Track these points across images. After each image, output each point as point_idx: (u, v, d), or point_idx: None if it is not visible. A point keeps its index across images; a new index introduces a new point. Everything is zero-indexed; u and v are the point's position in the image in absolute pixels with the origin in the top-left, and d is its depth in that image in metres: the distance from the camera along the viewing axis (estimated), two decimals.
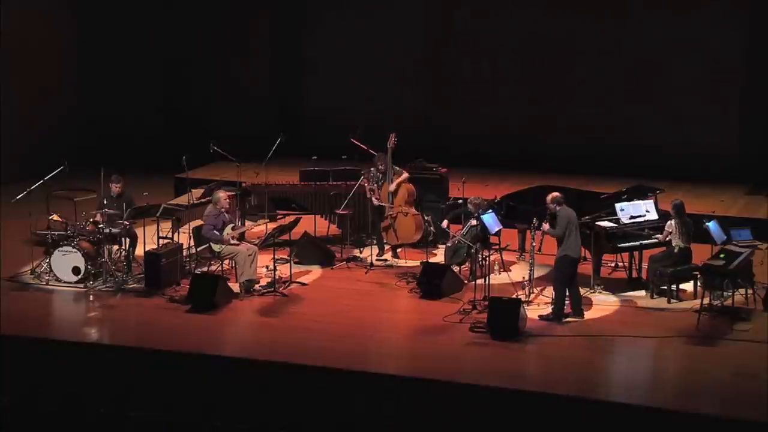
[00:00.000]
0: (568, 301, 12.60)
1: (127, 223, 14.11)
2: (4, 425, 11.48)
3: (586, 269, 13.57)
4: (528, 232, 13.86)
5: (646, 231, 13.61)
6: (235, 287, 13.49)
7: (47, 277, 13.85)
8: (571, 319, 12.53)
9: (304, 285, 13.93)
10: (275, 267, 13.84)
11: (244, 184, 16.04)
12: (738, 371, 11.14)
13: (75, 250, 13.63)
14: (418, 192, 15.12)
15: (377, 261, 14.88)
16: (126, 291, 13.62)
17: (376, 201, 14.92)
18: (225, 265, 13.99)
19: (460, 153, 19.32)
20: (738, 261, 12.37)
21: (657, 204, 14.02)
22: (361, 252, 15.24)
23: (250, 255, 13.49)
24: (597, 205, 14.01)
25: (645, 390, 11.03)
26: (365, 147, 15.64)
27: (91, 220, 14.13)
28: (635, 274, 13.87)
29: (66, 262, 13.68)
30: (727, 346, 11.86)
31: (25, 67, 19.97)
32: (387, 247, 15.18)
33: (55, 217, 14.29)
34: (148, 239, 14.30)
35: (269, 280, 13.76)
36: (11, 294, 13.47)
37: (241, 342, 12.48)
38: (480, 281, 13.25)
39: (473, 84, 20.51)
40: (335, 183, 15.82)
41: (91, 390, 11.60)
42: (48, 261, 13.83)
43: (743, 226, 13.63)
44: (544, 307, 12.84)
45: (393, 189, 14.80)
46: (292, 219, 14.28)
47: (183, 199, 16.11)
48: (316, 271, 14.55)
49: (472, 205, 14.10)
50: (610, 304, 13.19)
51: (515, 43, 20.17)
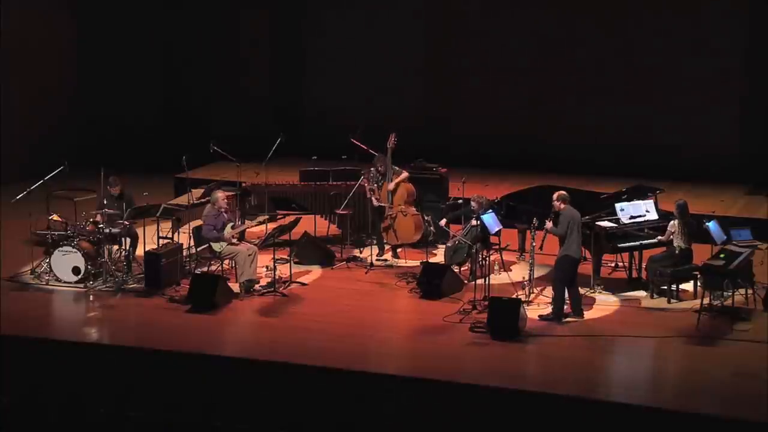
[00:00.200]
0: (568, 301, 12.61)
1: (127, 223, 14.11)
2: (4, 425, 11.48)
3: (586, 269, 13.56)
4: (528, 232, 13.85)
5: (646, 231, 13.62)
6: (235, 287, 13.49)
7: (47, 277, 13.84)
8: (571, 319, 12.53)
9: (304, 285, 13.93)
10: (275, 267, 13.85)
11: (244, 184, 16.04)
12: (738, 371, 11.13)
13: (75, 250, 13.63)
14: (418, 192, 15.11)
15: (377, 261, 14.87)
16: (126, 291, 13.61)
17: (375, 201, 14.91)
18: (225, 265, 14.00)
19: (460, 153, 19.31)
20: (738, 261, 12.37)
21: (657, 204, 14.01)
22: (361, 252, 15.23)
23: (250, 255, 13.49)
24: (597, 205, 14.00)
25: (645, 390, 11.02)
26: (365, 147, 15.64)
27: (91, 220, 14.12)
28: (635, 274, 13.86)
29: (66, 262, 13.67)
30: (727, 346, 11.86)
31: (25, 67, 19.97)
32: (387, 247, 15.17)
33: (55, 217, 14.28)
34: (148, 239, 14.30)
35: (269, 280, 13.76)
36: (11, 294, 13.46)
37: (241, 342, 12.47)
38: (480, 281, 13.25)
39: (473, 84, 20.51)
40: (335, 183, 15.81)
41: (91, 390, 11.60)
42: (48, 261, 13.82)
43: (743, 226, 13.62)
44: (544, 307, 12.83)
45: (392, 188, 14.80)
46: (292, 219, 14.27)
47: (183, 199, 16.11)
48: (316, 271, 14.54)
49: (475, 203, 14.07)
50: (610, 304, 13.19)
51: (515, 43, 20.17)
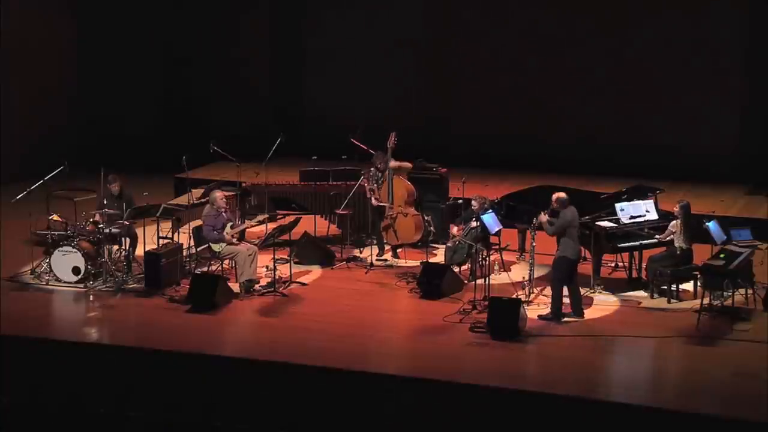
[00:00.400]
0: (567, 301, 12.61)
1: (127, 223, 14.11)
2: (4, 425, 11.48)
3: (586, 269, 13.57)
4: (528, 232, 13.86)
5: (646, 231, 13.61)
6: (235, 287, 13.49)
7: (47, 277, 13.84)
8: (571, 319, 12.53)
9: (304, 285, 13.92)
10: (275, 267, 13.85)
11: (244, 184, 16.04)
12: (738, 371, 11.13)
13: (75, 250, 13.62)
14: (418, 192, 15.11)
15: (377, 261, 14.87)
16: (126, 291, 13.61)
17: (375, 201, 14.91)
18: (225, 265, 13.99)
19: (460, 153, 19.30)
20: (738, 261, 12.37)
21: (657, 204, 14.01)
22: (361, 252, 15.23)
23: (250, 255, 13.49)
24: (597, 205, 14.00)
25: (645, 390, 11.01)
26: (365, 147, 15.64)
27: (91, 220, 14.12)
28: (635, 274, 13.86)
29: (66, 262, 13.67)
30: (727, 346, 11.85)
31: (25, 67, 19.96)
32: (387, 247, 15.17)
33: (55, 217, 14.28)
34: (148, 239, 14.29)
35: (269, 280, 13.76)
36: (11, 294, 13.45)
37: (241, 342, 12.47)
38: (480, 281, 13.25)
39: (474, 84, 20.51)
40: (335, 183, 15.81)
41: (91, 390, 11.60)
42: (48, 261, 13.82)
43: (743, 226, 13.61)
44: (544, 307, 12.82)
45: (394, 166, 14.73)
46: (292, 219, 14.27)
47: (183, 199, 16.11)
48: (316, 271, 14.54)
49: (477, 203, 14.06)
50: (610, 304, 13.18)
51: (515, 43, 20.17)
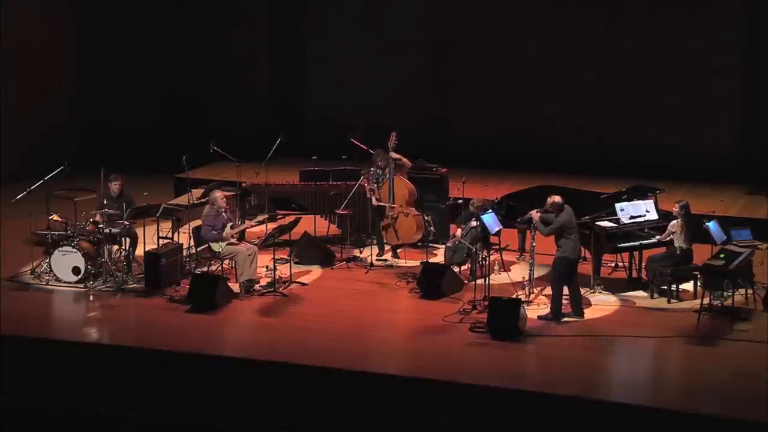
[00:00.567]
0: (567, 301, 12.61)
1: (127, 223, 14.11)
2: (4, 425, 11.48)
3: (586, 269, 13.56)
4: (528, 232, 13.85)
5: (646, 231, 13.61)
6: (235, 287, 13.48)
7: (47, 277, 13.84)
8: (571, 319, 12.53)
9: (304, 285, 13.92)
10: (275, 267, 13.85)
11: (244, 184, 16.04)
12: (738, 371, 11.12)
13: (75, 250, 13.62)
14: (418, 192, 15.12)
15: (377, 261, 14.87)
16: (126, 291, 13.61)
17: (375, 201, 14.91)
18: (225, 265, 13.99)
19: (460, 153, 19.30)
20: (738, 261, 12.36)
21: (657, 204, 14.01)
22: (361, 252, 15.23)
23: (250, 255, 13.48)
24: (597, 205, 14.00)
25: (645, 390, 11.01)
26: (365, 147, 15.63)
27: (91, 220, 14.11)
28: (635, 274, 13.86)
29: (66, 262, 13.67)
30: (727, 346, 11.85)
31: (25, 67, 19.96)
32: (387, 247, 15.17)
33: (55, 217, 14.27)
34: (148, 239, 14.29)
35: (269, 280, 13.76)
36: (11, 294, 13.45)
37: (241, 342, 12.47)
38: (480, 281, 13.25)
39: (473, 84, 20.50)
40: (335, 183, 15.80)
41: (91, 390, 11.60)
42: (48, 261, 13.82)
43: (743, 226, 13.60)
44: (544, 307, 12.82)
45: (395, 156, 14.73)
46: (292, 219, 14.27)
47: (183, 199, 16.09)
48: (316, 271, 14.54)
49: (474, 208, 14.05)
50: (610, 304, 13.18)
51: (515, 43, 20.17)
